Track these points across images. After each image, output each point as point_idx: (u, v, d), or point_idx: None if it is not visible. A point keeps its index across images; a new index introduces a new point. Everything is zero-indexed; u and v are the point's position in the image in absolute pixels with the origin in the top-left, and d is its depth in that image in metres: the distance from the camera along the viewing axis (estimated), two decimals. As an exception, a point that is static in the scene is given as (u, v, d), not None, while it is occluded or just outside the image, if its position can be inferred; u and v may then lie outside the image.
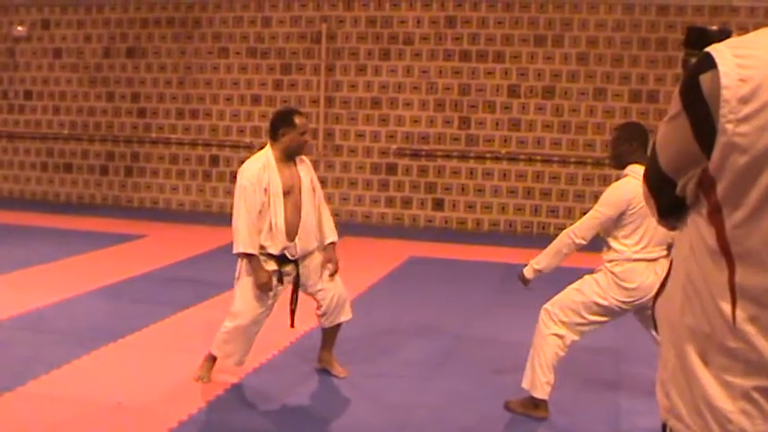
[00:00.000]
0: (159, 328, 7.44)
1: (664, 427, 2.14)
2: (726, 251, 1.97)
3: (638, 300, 5.45)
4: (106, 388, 5.91)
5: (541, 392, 5.54)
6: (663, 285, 2.22)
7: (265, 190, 5.83)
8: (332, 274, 6.11)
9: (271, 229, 5.84)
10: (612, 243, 5.49)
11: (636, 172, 5.30)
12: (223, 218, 13.75)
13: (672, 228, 2.21)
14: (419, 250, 11.57)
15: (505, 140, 13.20)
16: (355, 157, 13.72)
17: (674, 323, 2.10)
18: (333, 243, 6.19)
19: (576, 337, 5.59)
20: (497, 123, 13.18)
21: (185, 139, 14.61)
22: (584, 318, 5.56)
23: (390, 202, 13.75)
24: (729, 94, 1.88)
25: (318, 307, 6.18)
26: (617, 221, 5.42)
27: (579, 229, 5.52)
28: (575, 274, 5.80)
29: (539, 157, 13.15)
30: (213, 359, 6.11)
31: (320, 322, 6.27)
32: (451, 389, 6.18)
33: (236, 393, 5.94)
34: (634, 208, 5.32)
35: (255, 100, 14.12)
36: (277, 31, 14.01)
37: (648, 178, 2.20)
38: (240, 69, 14.23)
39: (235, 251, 5.85)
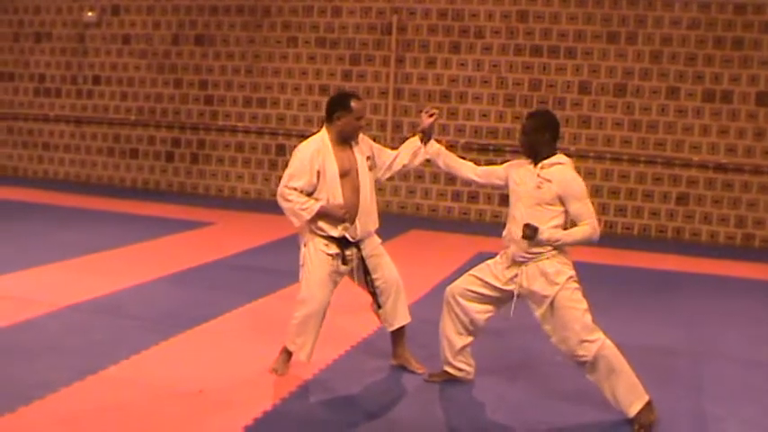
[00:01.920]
0: (234, 317, 7.45)
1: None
2: None
3: None
4: (187, 375, 5.93)
5: (643, 395, 5.43)
6: None
7: (318, 173, 5.83)
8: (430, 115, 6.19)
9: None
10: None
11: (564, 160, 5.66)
12: (289, 207, 13.78)
13: None
14: (488, 246, 11.45)
15: (575, 138, 13.06)
16: (422, 150, 13.61)
17: None
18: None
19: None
20: (567, 120, 13.03)
21: (252, 127, 14.64)
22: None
23: (457, 196, 13.67)
24: None
25: (373, 301, 6.17)
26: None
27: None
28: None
29: (608, 156, 13.00)
30: (289, 353, 6.07)
31: (380, 320, 6.26)
32: (532, 390, 6.09)
33: (315, 387, 5.91)
34: None
35: (324, 90, 14.10)
36: (347, 21, 13.98)
37: None
38: (309, 59, 14.22)
39: (299, 224, 5.92)
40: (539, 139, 5.63)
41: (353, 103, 5.93)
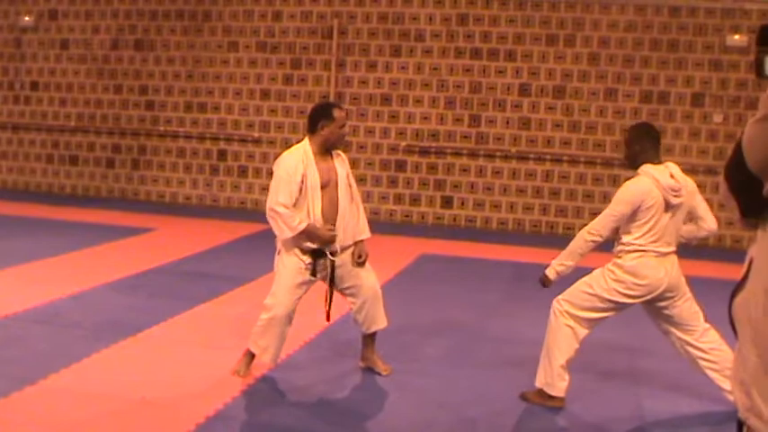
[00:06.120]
0: (176, 323, 7.40)
1: (740, 425, 2.11)
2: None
3: (646, 295, 5.62)
4: (129, 382, 5.87)
5: (558, 391, 5.71)
6: (741, 285, 2.18)
7: (301, 183, 5.85)
8: (361, 263, 6.15)
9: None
10: (624, 236, 5.64)
11: (647, 171, 5.57)
12: (230, 212, 13.78)
13: (753, 227, 2.18)
14: (430, 248, 11.54)
15: (515, 139, 13.18)
16: (364, 153, 13.68)
17: (757, 323, 2.07)
18: (363, 241, 6.24)
19: (587, 331, 5.76)
20: (507, 122, 13.15)
21: (193, 132, 14.56)
22: (594, 312, 5.70)
23: (399, 199, 13.72)
24: None
25: (351, 308, 6.24)
26: (630, 218, 5.57)
27: (595, 228, 5.65)
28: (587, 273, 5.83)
29: (548, 157, 13.13)
30: (252, 355, 6.14)
31: (357, 323, 6.32)
32: (474, 386, 6.16)
33: (261, 389, 5.91)
34: (647, 204, 5.51)
35: (265, 94, 14.09)
36: (288, 25, 13.97)
37: (731, 178, 2.17)
38: (250, 63, 14.19)
39: (283, 237, 5.88)
40: (638, 150, 5.74)
41: (336, 113, 6.01)
